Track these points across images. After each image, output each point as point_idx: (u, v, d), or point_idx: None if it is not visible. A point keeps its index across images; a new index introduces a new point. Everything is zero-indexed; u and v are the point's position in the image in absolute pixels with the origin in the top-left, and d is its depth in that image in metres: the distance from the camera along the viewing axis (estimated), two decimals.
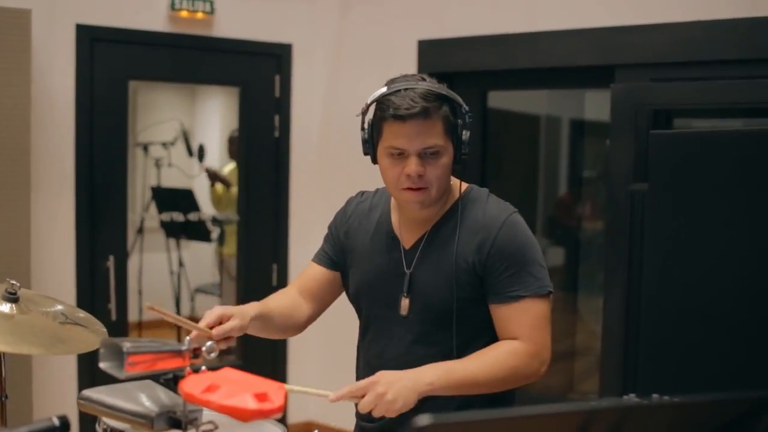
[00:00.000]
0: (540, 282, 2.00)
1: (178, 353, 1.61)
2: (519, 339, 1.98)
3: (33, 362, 3.70)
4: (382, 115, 1.97)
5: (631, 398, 1.72)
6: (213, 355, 1.67)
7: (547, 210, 5.16)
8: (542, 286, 2.00)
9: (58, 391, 3.98)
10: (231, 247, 5.55)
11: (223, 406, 1.47)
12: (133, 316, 5.69)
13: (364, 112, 2.03)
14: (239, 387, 1.51)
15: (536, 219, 4.97)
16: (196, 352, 1.64)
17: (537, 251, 2.04)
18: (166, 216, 5.88)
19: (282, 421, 4.74)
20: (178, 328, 6.10)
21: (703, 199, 2.24)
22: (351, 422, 2.24)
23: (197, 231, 5.98)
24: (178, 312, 6.16)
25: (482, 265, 2.00)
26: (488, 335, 2.05)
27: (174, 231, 6.01)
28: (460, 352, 2.03)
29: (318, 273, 2.23)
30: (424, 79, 1.99)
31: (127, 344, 1.55)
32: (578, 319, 4.51)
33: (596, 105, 4.67)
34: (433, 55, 4.26)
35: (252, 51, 4.56)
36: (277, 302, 2.17)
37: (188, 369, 1.61)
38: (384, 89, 1.98)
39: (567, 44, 3.77)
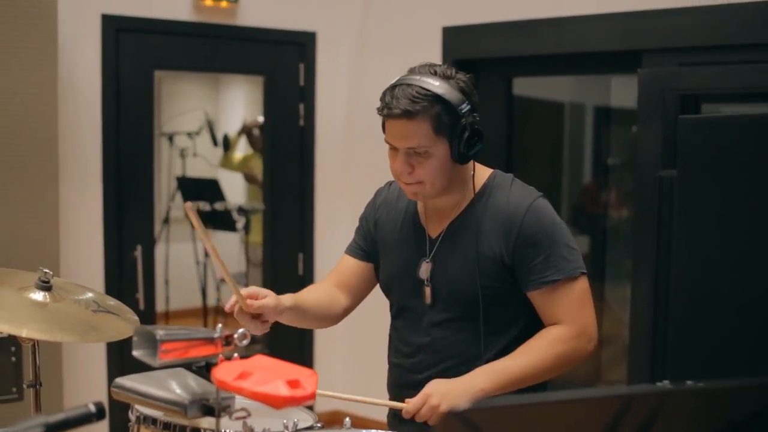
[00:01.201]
0: (572, 264, 1.99)
1: (211, 341, 1.62)
2: (562, 322, 1.98)
3: (63, 350, 3.74)
4: (378, 110, 1.99)
5: (666, 384, 1.72)
6: (245, 342, 1.68)
7: (571, 198, 5.13)
8: (575, 267, 1.99)
9: (88, 378, 4.02)
10: (257, 237, 5.58)
11: (255, 393, 1.48)
12: (160, 305, 5.74)
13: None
14: (271, 374, 1.52)
15: (561, 207, 4.94)
16: (228, 340, 1.65)
17: (565, 233, 2.03)
18: (196, 205, 5.91)
19: (310, 409, 4.77)
20: (205, 317, 6.14)
21: (733, 185, 2.22)
22: (379, 410, 2.25)
23: (223, 220, 6.01)
24: (205, 302, 6.20)
25: (510, 254, 1.99)
26: (522, 322, 2.05)
27: (200, 221, 6.04)
28: (492, 339, 2.03)
29: (351, 265, 2.26)
30: (434, 73, 1.97)
31: (160, 332, 1.56)
32: (605, 308, 4.48)
33: (623, 91, 4.63)
34: (458, 41, 4.24)
35: (276, 39, 4.57)
36: (313, 294, 2.20)
37: (220, 356, 1.62)
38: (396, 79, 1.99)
39: (593, 29, 3.74)
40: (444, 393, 1.87)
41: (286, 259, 4.73)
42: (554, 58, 4.00)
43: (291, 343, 4.75)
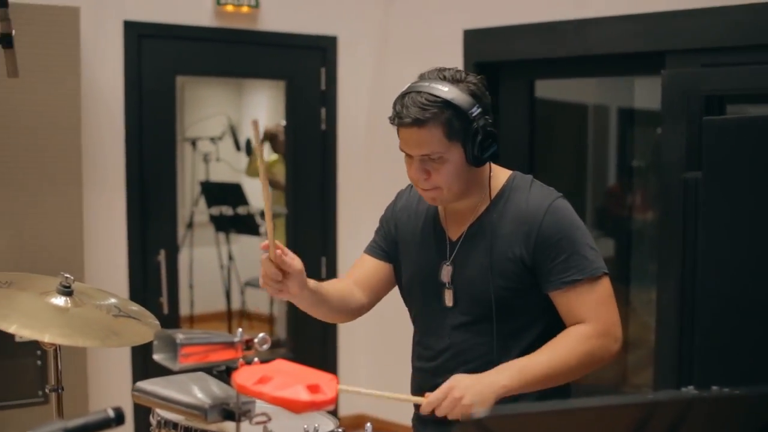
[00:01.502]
0: (593, 264, 1.97)
1: (231, 345, 1.62)
2: (585, 322, 1.96)
3: (87, 355, 3.76)
4: (390, 118, 1.98)
5: (690, 390, 1.69)
6: (265, 346, 1.67)
7: (595, 200, 5.09)
8: (596, 267, 1.97)
9: (112, 383, 4.04)
10: (280, 241, 5.58)
11: (275, 398, 1.47)
12: (185, 309, 5.76)
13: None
14: (291, 379, 1.51)
15: (585, 209, 4.91)
16: (248, 344, 1.64)
17: (585, 234, 2.01)
18: (215, 210, 5.94)
19: (333, 413, 4.76)
20: (229, 322, 6.16)
21: (759, 187, 2.18)
22: (401, 414, 2.24)
23: (246, 225, 6.03)
24: (229, 306, 6.22)
25: (530, 255, 1.98)
26: (542, 324, 2.03)
27: (223, 225, 6.06)
28: (511, 341, 2.02)
29: (370, 264, 2.25)
30: (444, 78, 1.95)
31: (180, 336, 1.55)
32: (630, 311, 4.44)
33: (646, 92, 4.59)
34: (479, 44, 4.22)
35: (297, 44, 4.57)
36: (333, 285, 2.21)
37: (241, 360, 1.62)
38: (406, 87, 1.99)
39: (615, 30, 3.71)
40: (467, 386, 1.85)
41: (308, 263, 4.63)
42: (577, 60, 3.97)
43: (314, 346, 4.75)
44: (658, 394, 1.15)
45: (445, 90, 1.92)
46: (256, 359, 1.64)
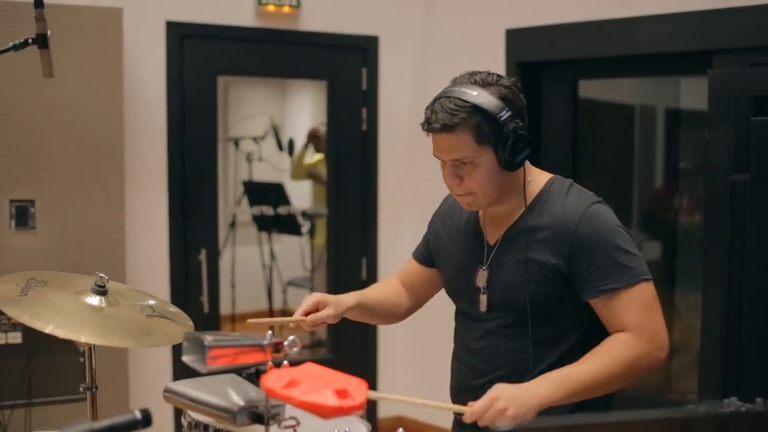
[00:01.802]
0: (632, 271, 1.92)
1: (260, 347, 1.60)
2: (627, 330, 1.92)
3: (129, 354, 3.79)
4: (421, 125, 2.00)
5: (733, 402, 1.63)
6: (295, 349, 1.66)
7: (642, 203, 5.00)
8: (635, 275, 1.92)
9: (153, 382, 4.07)
10: (321, 241, 5.58)
11: (303, 402, 1.45)
12: (225, 308, 5.79)
13: None
14: (320, 383, 1.49)
15: (632, 213, 4.82)
16: (277, 347, 1.63)
17: (624, 239, 1.95)
18: (257, 210, 5.96)
19: (372, 415, 4.76)
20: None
21: None
22: (440, 418, 2.22)
23: (288, 224, 6.05)
24: (271, 305, 6.24)
25: (566, 262, 1.94)
26: (579, 332, 2.00)
27: (265, 225, 6.09)
28: (546, 348, 1.99)
29: (415, 269, 2.31)
30: (474, 82, 1.94)
31: (208, 338, 1.54)
32: (676, 316, 4.35)
33: (693, 93, 4.49)
34: (522, 44, 4.17)
35: (338, 44, 4.57)
36: (379, 291, 2.29)
37: (270, 363, 1.61)
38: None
39: (661, 29, 3.63)
40: (511, 397, 1.82)
41: (349, 263, 4.72)
42: (621, 60, 3.90)
43: (355, 347, 4.74)
44: (694, 409, 1.10)
45: (474, 94, 1.91)
46: (285, 362, 1.62)
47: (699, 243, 3.91)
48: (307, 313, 2.10)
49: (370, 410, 4.66)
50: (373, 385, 4.64)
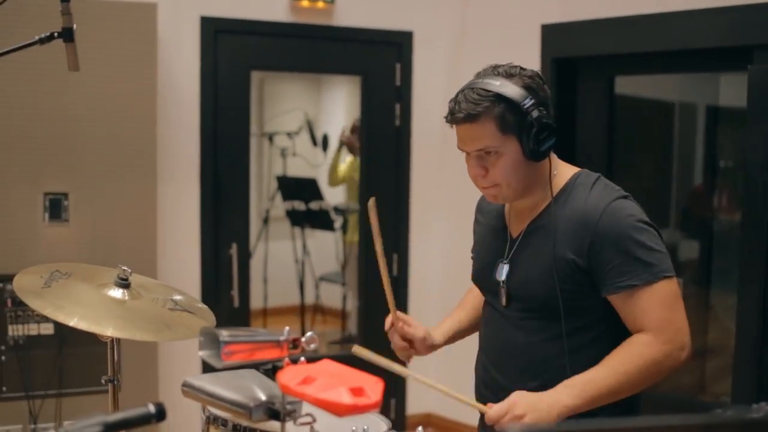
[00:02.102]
0: (653, 268, 1.87)
1: (277, 343, 1.59)
2: (647, 329, 1.88)
3: (158, 348, 3.82)
4: (445, 117, 2.01)
5: (762, 407, 1.57)
6: (313, 346, 1.64)
7: (680, 202, 4.91)
8: (655, 273, 1.87)
9: (182, 377, 4.07)
10: (354, 236, 5.58)
11: (317, 400, 1.43)
12: (256, 303, 5.81)
13: None
14: (335, 380, 1.47)
15: (670, 211, 4.73)
16: (295, 343, 1.61)
17: (645, 235, 1.90)
18: (290, 205, 5.97)
19: (401, 412, 4.74)
20: (302, 315, 6.19)
21: None
22: (468, 416, 2.21)
23: (321, 220, 6.05)
24: (303, 300, 6.24)
25: (585, 257, 1.91)
26: (599, 328, 1.97)
27: (298, 220, 6.10)
28: (563, 343, 1.96)
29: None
30: (498, 74, 1.94)
31: (224, 334, 1.53)
32: (711, 316, 4.26)
33: (733, 90, 4.39)
34: (558, 39, 4.11)
35: (373, 39, 4.55)
36: (471, 307, 2.31)
37: (286, 360, 1.59)
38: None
39: (700, 24, 3.55)
40: (530, 404, 1.80)
41: None
42: (659, 56, 3.82)
43: (386, 342, 4.70)
44: (715, 415, 1.06)
45: (497, 84, 1.91)
46: (302, 358, 1.61)
47: (737, 243, 3.82)
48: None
49: (398, 407, 4.66)
50: (403, 379, 4.63)
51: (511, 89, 1.90)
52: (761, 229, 2.99)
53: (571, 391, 1.84)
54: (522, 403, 1.81)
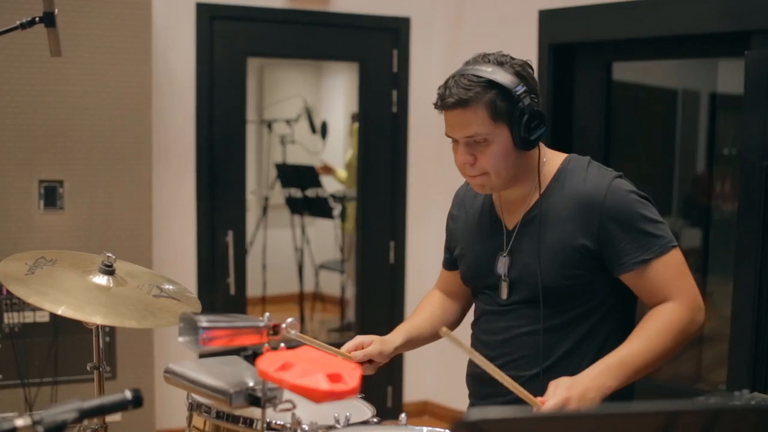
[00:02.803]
0: (661, 239, 1.90)
1: (257, 329, 1.58)
2: (668, 299, 1.90)
3: (154, 336, 3.82)
4: (434, 104, 1.98)
5: (744, 395, 1.56)
6: (294, 332, 1.64)
7: (682, 190, 4.88)
8: (664, 244, 1.90)
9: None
10: (352, 224, 5.57)
11: (294, 386, 1.43)
12: (255, 291, 5.81)
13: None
14: (314, 366, 1.47)
15: (672, 200, 4.71)
16: (275, 329, 1.60)
17: (649, 209, 1.93)
18: (288, 192, 5.96)
19: (398, 399, 4.74)
20: (301, 303, 6.19)
21: None
22: (465, 403, 2.20)
23: (320, 207, 6.04)
24: (302, 288, 6.24)
25: (594, 238, 1.91)
26: (600, 312, 1.98)
27: (298, 207, 6.09)
28: (568, 330, 1.97)
29: (450, 277, 2.30)
30: (488, 61, 1.92)
31: (203, 319, 1.53)
32: (709, 304, 4.25)
33: (730, 76, 4.36)
34: (555, 25, 4.08)
35: (369, 26, 4.52)
36: (425, 315, 2.26)
37: (266, 346, 1.58)
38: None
39: (697, 10, 3.52)
40: (581, 397, 1.78)
41: (377, 247, 4.69)
42: (656, 41, 3.80)
43: (384, 331, 4.68)
44: (684, 403, 1.05)
45: (488, 70, 1.89)
46: (282, 345, 1.60)
47: (734, 230, 3.80)
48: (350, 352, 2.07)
49: (395, 394, 4.66)
50: (400, 367, 4.63)
51: (503, 76, 1.88)
52: (757, 217, 2.96)
53: (613, 372, 1.83)
54: (574, 397, 1.77)
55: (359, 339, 2.09)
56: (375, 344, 2.08)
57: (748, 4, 3.35)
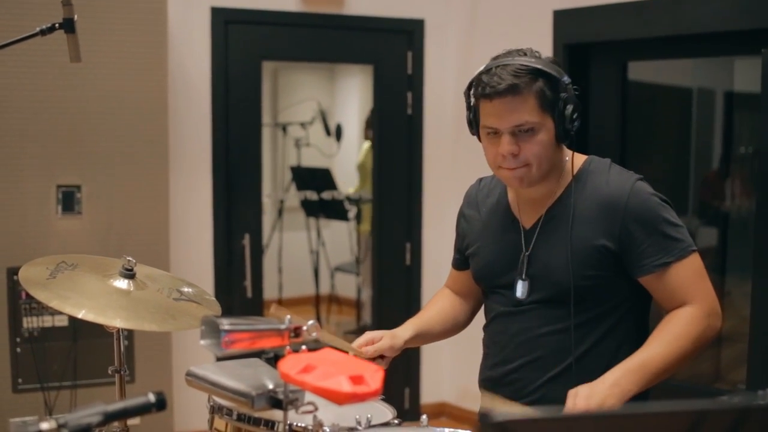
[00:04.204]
0: (682, 243, 1.91)
1: (278, 332, 1.59)
2: (687, 303, 1.90)
3: (172, 339, 3.83)
4: (476, 94, 1.93)
5: (766, 394, 1.55)
6: (315, 334, 1.64)
7: (697, 189, 4.86)
8: (684, 248, 1.90)
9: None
10: (368, 226, 5.58)
11: (317, 388, 1.43)
12: (271, 293, 5.82)
13: (467, 93, 1.97)
14: (336, 368, 1.47)
15: (688, 200, 4.69)
16: (296, 331, 1.61)
17: (670, 212, 1.94)
18: (303, 195, 5.98)
19: (415, 401, 4.74)
20: (317, 305, 6.20)
21: None
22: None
23: (335, 210, 6.05)
24: (318, 290, 6.25)
25: (616, 239, 1.90)
26: (618, 314, 1.97)
27: (313, 210, 6.10)
28: (586, 331, 1.95)
29: (460, 276, 2.29)
30: (524, 54, 1.92)
31: (225, 322, 1.53)
32: (728, 304, 4.22)
33: (747, 74, 4.34)
34: (570, 25, 4.07)
35: (384, 28, 4.53)
36: (436, 309, 2.27)
37: (288, 348, 1.59)
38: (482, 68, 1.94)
39: (713, 8, 3.51)
40: (598, 406, 1.76)
41: (393, 248, 4.69)
42: (672, 40, 3.78)
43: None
44: (711, 402, 1.05)
45: (531, 60, 1.89)
46: (303, 347, 1.60)
47: (753, 229, 3.78)
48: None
49: (412, 396, 4.66)
50: (417, 369, 4.63)
51: (550, 66, 1.89)
52: None
53: (633, 377, 1.82)
54: (594, 406, 1.76)
55: (369, 335, 2.09)
56: (385, 339, 2.07)
57: (763, 1, 3.34)
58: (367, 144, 5.94)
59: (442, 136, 4.67)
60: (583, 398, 1.77)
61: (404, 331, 2.13)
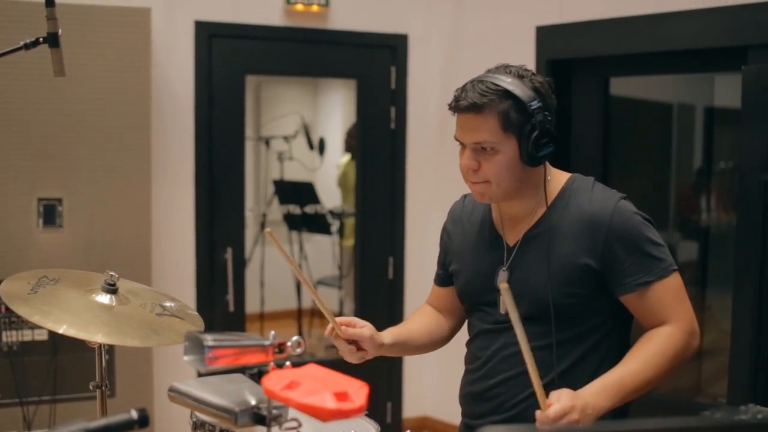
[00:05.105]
0: (663, 262, 1.92)
1: (262, 348, 1.58)
2: (665, 322, 1.92)
3: (153, 354, 3.81)
4: (449, 105, 1.97)
5: (750, 409, 1.56)
6: (299, 350, 1.63)
7: (677, 203, 4.90)
8: (665, 267, 1.92)
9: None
10: (351, 240, 5.58)
11: (301, 404, 1.42)
12: (254, 307, 5.79)
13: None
14: (320, 385, 1.46)
15: (668, 215, 4.73)
16: (281, 347, 1.60)
17: (652, 231, 1.95)
18: (286, 209, 5.97)
19: (398, 415, 4.73)
20: (299, 320, 6.17)
21: None
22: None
23: (318, 224, 6.04)
24: (300, 305, 6.23)
25: (599, 257, 1.91)
26: (603, 329, 1.98)
27: (296, 224, 6.09)
28: (567, 349, 1.96)
29: (442, 293, 2.28)
30: (509, 72, 1.93)
31: (208, 338, 1.52)
32: (708, 318, 4.25)
33: (727, 90, 4.39)
34: (553, 41, 4.10)
35: (367, 43, 4.54)
36: (418, 322, 2.25)
37: (272, 364, 1.58)
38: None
39: (694, 25, 3.55)
40: (583, 410, 1.77)
41: (376, 263, 4.69)
42: (653, 57, 3.82)
43: None
44: (697, 418, 1.05)
45: (507, 80, 1.90)
46: (288, 363, 1.60)
47: (733, 244, 3.81)
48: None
49: (394, 410, 4.65)
50: (399, 383, 4.62)
51: (521, 89, 1.89)
52: (756, 231, 2.97)
53: (608, 393, 1.83)
54: (578, 407, 1.76)
55: (354, 319, 2.07)
56: (367, 329, 2.05)
57: (744, 19, 3.38)
58: (346, 157, 5.95)
59: (426, 150, 4.68)
60: (567, 398, 1.75)
61: (386, 336, 2.13)
